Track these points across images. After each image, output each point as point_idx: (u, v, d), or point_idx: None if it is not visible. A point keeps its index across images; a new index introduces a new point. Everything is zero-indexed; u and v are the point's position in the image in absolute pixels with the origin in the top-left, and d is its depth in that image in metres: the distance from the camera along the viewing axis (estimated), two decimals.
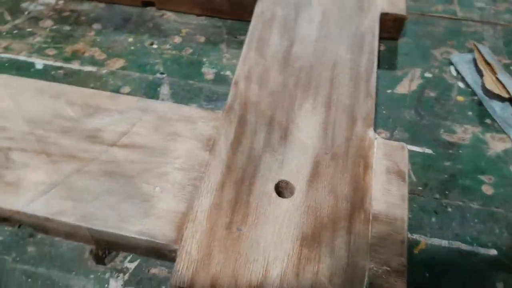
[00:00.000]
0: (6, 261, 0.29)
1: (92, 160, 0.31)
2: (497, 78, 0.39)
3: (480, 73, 0.40)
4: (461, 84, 0.40)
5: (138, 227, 0.27)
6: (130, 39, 0.43)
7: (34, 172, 0.30)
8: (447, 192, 0.33)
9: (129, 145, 0.31)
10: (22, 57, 0.41)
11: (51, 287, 0.28)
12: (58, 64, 0.40)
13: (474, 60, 0.41)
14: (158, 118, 0.33)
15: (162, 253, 0.28)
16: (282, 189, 0.30)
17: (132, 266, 0.29)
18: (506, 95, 0.38)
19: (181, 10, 0.46)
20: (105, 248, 0.30)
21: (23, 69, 0.40)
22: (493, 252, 0.30)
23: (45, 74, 0.39)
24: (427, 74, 0.41)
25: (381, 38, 0.43)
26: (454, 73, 0.41)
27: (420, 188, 0.33)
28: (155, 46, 0.42)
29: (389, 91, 0.39)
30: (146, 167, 0.30)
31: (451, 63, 0.42)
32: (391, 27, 0.42)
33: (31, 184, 0.29)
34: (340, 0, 0.42)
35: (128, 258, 0.29)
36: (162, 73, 0.40)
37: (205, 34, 0.44)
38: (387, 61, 0.42)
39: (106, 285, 0.28)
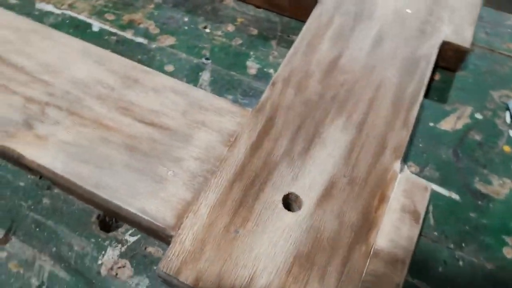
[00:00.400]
0: (22, 207, 0.31)
1: (118, 131, 0.32)
2: None
3: None
4: None
5: (142, 205, 0.28)
6: (186, 19, 0.43)
7: (64, 131, 0.31)
8: (463, 245, 0.31)
9: (155, 124, 0.32)
10: (82, 17, 0.43)
11: (54, 241, 0.30)
12: (113, 30, 0.42)
13: None
14: (189, 103, 0.33)
15: (159, 235, 0.29)
16: (291, 202, 0.30)
17: (131, 240, 0.30)
18: None
19: None
20: (112, 216, 0.31)
21: (80, 29, 0.42)
22: None
23: (99, 38, 0.41)
24: (478, 115, 0.38)
25: (438, 67, 0.41)
26: (508, 120, 0.38)
27: (435, 233, 0.31)
28: (207, 30, 0.43)
29: (431, 124, 0.37)
30: (165, 149, 0.31)
31: (507, 109, 0.39)
32: (451, 57, 0.40)
33: (58, 142, 0.31)
34: (403, 19, 0.40)
35: (130, 232, 0.31)
36: (207, 59, 0.40)
37: (258, 27, 0.43)
38: (438, 92, 0.39)
39: (103, 252, 0.29)
